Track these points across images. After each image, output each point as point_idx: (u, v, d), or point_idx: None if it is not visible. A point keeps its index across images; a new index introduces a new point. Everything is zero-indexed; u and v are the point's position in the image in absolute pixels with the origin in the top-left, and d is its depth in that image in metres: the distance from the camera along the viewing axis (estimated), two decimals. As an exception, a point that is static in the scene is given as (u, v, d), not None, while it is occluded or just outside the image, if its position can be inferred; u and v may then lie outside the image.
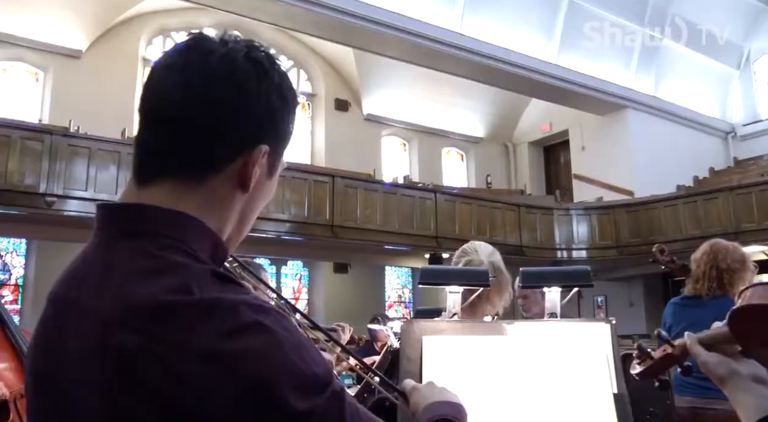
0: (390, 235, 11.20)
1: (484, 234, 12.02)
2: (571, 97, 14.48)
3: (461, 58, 12.67)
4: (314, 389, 0.75)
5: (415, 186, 13.25)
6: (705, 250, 3.54)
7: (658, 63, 15.35)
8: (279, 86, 0.91)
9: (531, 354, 1.89)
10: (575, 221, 13.24)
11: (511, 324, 1.92)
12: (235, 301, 0.76)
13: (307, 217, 10.58)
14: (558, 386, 1.85)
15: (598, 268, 13.45)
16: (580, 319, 2.28)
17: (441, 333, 1.92)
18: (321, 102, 16.08)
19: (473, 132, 17.79)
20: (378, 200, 11.31)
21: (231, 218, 0.91)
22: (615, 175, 14.66)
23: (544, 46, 13.82)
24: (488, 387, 1.86)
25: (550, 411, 1.83)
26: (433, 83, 15.28)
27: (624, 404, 1.84)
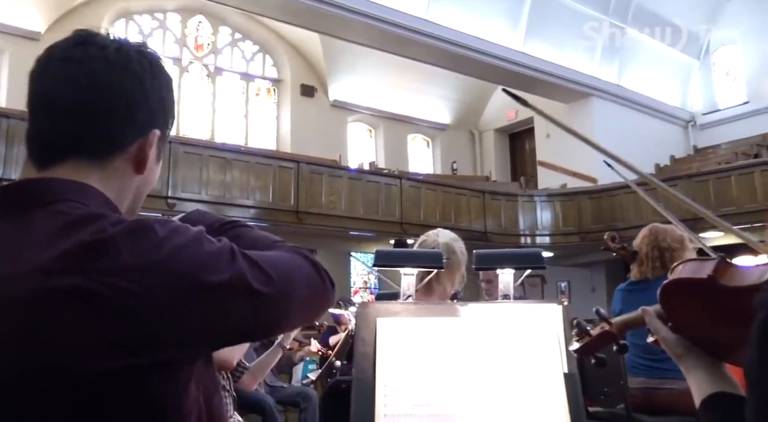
0: (355, 221, 11.21)
1: (449, 220, 12.10)
2: (537, 85, 14.56)
3: (428, 44, 12.67)
4: (229, 257, 0.89)
5: (381, 172, 13.26)
6: (645, 233, 3.61)
7: (622, 52, 15.52)
8: (167, 79, 1.04)
9: (484, 335, 1.91)
10: (539, 207, 13.38)
11: (465, 306, 1.95)
12: (150, 221, 0.87)
13: (271, 203, 10.53)
14: (510, 366, 1.87)
15: (562, 254, 13.64)
16: (532, 301, 2.31)
17: (395, 315, 1.94)
18: (287, 88, 15.97)
19: (439, 119, 17.84)
20: (343, 186, 11.30)
21: (127, 197, 1.00)
22: (579, 162, 14.81)
23: (510, 34, 13.87)
24: (442, 368, 1.89)
25: (502, 390, 1.86)
26: (399, 70, 15.26)
27: (574, 383, 1.86)
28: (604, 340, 1.35)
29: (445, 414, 1.82)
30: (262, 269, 0.91)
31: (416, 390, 1.86)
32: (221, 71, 15.37)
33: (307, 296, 1.00)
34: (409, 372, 1.88)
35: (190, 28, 15.08)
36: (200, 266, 0.85)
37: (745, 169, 11.48)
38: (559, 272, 14.63)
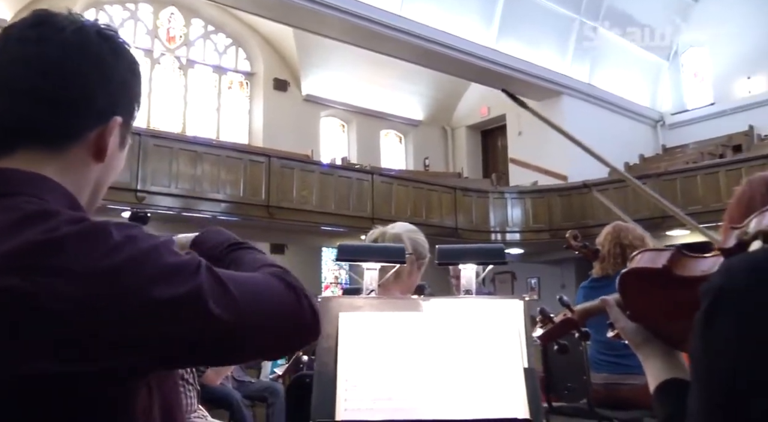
0: (326, 216, 11.20)
1: (420, 216, 12.14)
2: (509, 83, 14.61)
3: (401, 40, 12.67)
4: (191, 272, 0.83)
5: (353, 168, 13.25)
6: (608, 231, 3.69)
7: (593, 52, 15.67)
8: (131, 63, 0.98)
9: (446, 329, 1.93)
10: (510, 204, 13.48)
11: (427, 301, 1.96)
12: (104, 224, 0.82)
13: (242, 197, 10.47)
14: (470, 360, 1.89)
15: (532, 251, 13.76)
16: (493, 296, 2.33)
17: (358, 309, 1.94)
18: (259, 82, 15.88)
19: (412, 115, 17.87)
20: (315, 181, 11.27)
21: (87, 186, 0.95)
22: (550, 160, 14.95)
23: (483, 32, 13.94)
24: (403, 362, 1.89)
25: (463, 384, 1.87)
26: (373, 65, 15.25)
27: (533, 378, 1.88)
28: (566, 327, 1.38)
29: (405, 408, 1.83)
30: (227, 291, 0.84)
31: (377, 384, 1.87)
32: (193, 64, 15.23)
33: (277, 327, 0.90)
34: (371, 366, 1.89)
35: (162, 19, 14.92)
36: (152, 279, 0.79)
37: (711, 169, 11.69)
38: (529, 268, 14.75)
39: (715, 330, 0.72)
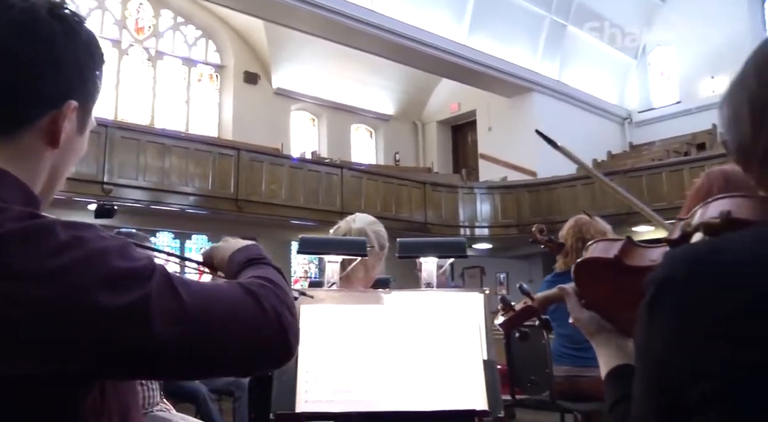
0: (295, 210, 11.16)
1: (390, 211, 12.17)
2: (480, 79, 14.75)
3: (373, 35, 12.66)
4: (142, 278, 0.78)
5: (322, 162, 13.22)
6: (570, 225, 3.73)
7: (563, 49, 15.82)
8: (87, 43, 0.92)
9: (406, 322, 1.94)
10: (479, 199, 13.56)
11: (388, 294, 1.98)
12: (51, 222, 0.78)
13: (211, 190, 10.39)
14: (431, 353, 1.91)
15: (501, 246, 13.86)
16: (454, 289, 2.35)
17: (319, 302, 1.95)
18: (229, 74, 15.75)
19: (383, 110, 17.87)
20: (284, 174, 11.23)
21: (41, 174, 0.90)
22: (519, 155, 15.06)
23: (454, 28, 13.98)
24: (364, 355, 1.91)
25: (423, 376, 1.89)
26: (344, 59, 15.21)
27: (492, 370, 1.91)
28: (526, 314, 1.41)
29: (366, 400, 1.84)
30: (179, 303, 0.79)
31: (338, 376, 1.88)
32: (162, 55, 15.05)
33: (236, 345, 0.84)
34: (332, 358, 1.90)
35: (131, 9, 14.71)
36: (96, 284, 0.74)
37: (676, 166, 11.88)
38: (498, 263, 14.87)
39: (656, 320, 0.74)
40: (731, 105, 0.78)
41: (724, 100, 0.80)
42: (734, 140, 0.78)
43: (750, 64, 0.78)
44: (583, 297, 1.22)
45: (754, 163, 0.75)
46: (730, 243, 0.75)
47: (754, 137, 0.74)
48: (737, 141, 0.78)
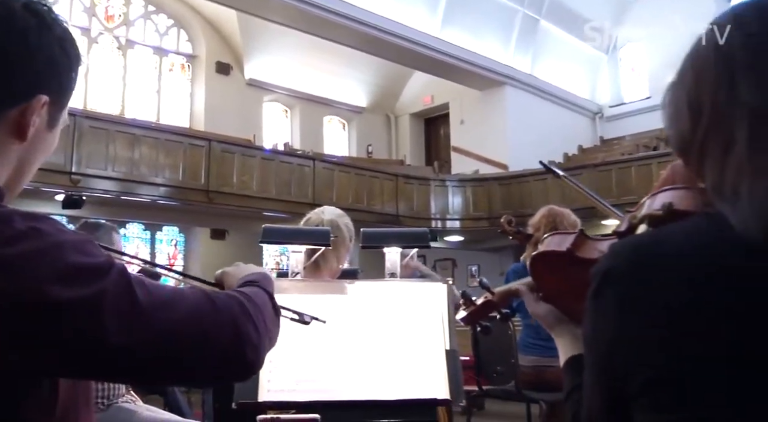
0: (267, 202, 11.11)
1: (362, 202, 12.19)
2: (453, 72, 14.78)
3: (346, 26, 12.62)
4: (98, 274, 0.77)
5: (294, 153, 13.17)
6: (544, 213, 3.73)
7: (536, 44, 15.90)
8: (61, 39, 0.91)
9: (370, 312, 1.96)
10: (451, 192, 13.63)
11: (352, 284, 1.99)
12: (10, 212, 0.78)
13: (181, 181, 10.31)
14: (394, 342, 1.92)
15: (472, 238, 13.95)
16: (418, 279, 2.37)
17: (283, 292, 1.95)
18: (201, 64, 15.59)
19: (356, 102, 17.84)
20: (256, 166, 11.17)
21: (8, 167, 0.90)
22: (491, 149, 15.15)
23: (428, 20, 13.98)
24: (327, 344, 1.92)
25: (386, 366, 1.90)
26: (317, 51, 15.13)
27: (455, 360, 1.93)
28: (487, 308, 1.42)
29: (328, 389, 1.85)
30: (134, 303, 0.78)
31: (301, 366, 1.89)
32: (133, 44, 14.84)
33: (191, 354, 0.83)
34: (295, 348, 1.90)
35: (101, -4, 14.50)
36: (49, 277, 0.73)
37: (645, 160, 12.03)
38: (469, 255, 14.96)
39: (600, 309, 0.76)
40: (672, 102, 0.81)
41: (666, 98, 0.82)
42: (675, 135, 0.80)
43: (687, 62, 0.80)
44: (540, 290, 1.24)
45: (693, 157, 0.77)
46: (669, 234, 0.77)
47: (692, 132, 0.76)
48: (678, 136, 0.80)
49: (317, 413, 1.80)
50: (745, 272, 0.68)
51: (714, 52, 0.76)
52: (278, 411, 1.80)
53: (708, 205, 0.74)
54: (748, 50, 0.73)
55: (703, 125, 0.75)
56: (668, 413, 0.69)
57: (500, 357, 3.60)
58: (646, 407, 0.71)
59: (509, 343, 3.50)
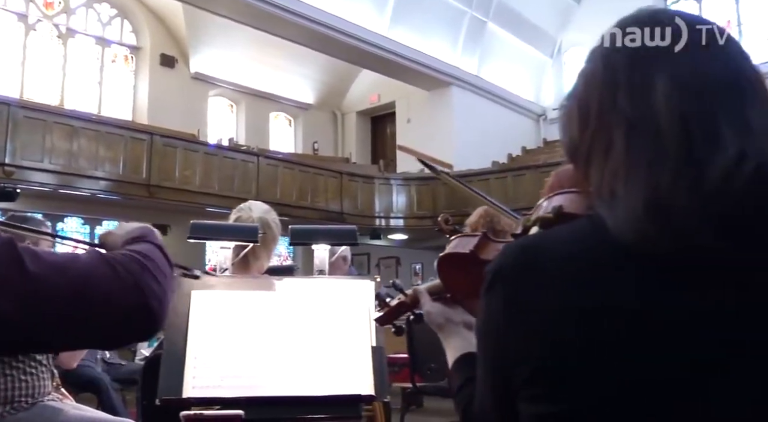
0: (210, 197, 10.96)
1: (306, 200, 12.16)
2: (400, 71, 14.85)
3: (293, 22, 12.55)
4: None
5: (238, 149, 13.05)
6: (480, 213, 3.75)
7: (483, 45, 16.09)
8: None
9: (298, 308, 1.97)
10: (395, 190, 13.68)
11: (280, 280, 1.99)
12: None
13: (122, 175, 10.10)
14: (320, 339, 1.94)
15: (416, 237, 14.03)
16: (346, 276, 2.39)
17: (211, 288, 1.95)
18: (145, 56, 15.29)
19: (303, 98, 17.75)
20: (198, 161, 11.02)
21: None
22: (437, 148, 15.23)
23: (376, 19, 14.01)
24: (254, 341, 1.92)
25: (312, 362, 1.92)
26: (264, 46, 15.01)
27: (381, 356, 1.96)
28: (400, 310, 1.44)
29: (254, 385, 1.86)
30: (23, 272, 0.79)
31: (227, 362, 1.89)
32: (74, 33, 14.45)
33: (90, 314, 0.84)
34: (221, 344, 1.90)
35: (39, -18, 14.08)
36: None
37: (585, 163, 12.27)
38: (413, 254, 15.04)
39: (490, 306, 0.80)
40: (566, 110, 0.84)
41: (561, 107, 0.86)
42: (566, 141, 0.84)
43: (581, 72, 0.84)
44: (447, 291, 1.27)
45: (580, 161, 0.81)
46: (554, 236, 0.81)
47: (581, 138, 0.80)
48: (569, 142, 0.84)
49: (242, 409, 1.80)
50: (617, 272, 0.71)
51: (602, 63, 0.81)
52: (202, 407, 1.80)
53: (592, 208, 0.77)
54: (627, 64, 0.77)
55: (590, 131, 0.79)
56: (547, 405, 0.72)
57: (434, 355, 3.65)
58: (529, 399, 0.74)
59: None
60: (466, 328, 1.20)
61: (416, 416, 5.92)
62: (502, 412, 0.81)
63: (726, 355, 0.68)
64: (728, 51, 0.77)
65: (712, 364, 0.68)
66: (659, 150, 0.71)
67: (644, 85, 0.74)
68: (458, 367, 1.13)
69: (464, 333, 1.19)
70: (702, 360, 0.68)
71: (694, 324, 0.68)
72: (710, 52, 0.76)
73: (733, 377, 0.68)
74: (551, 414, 0.72)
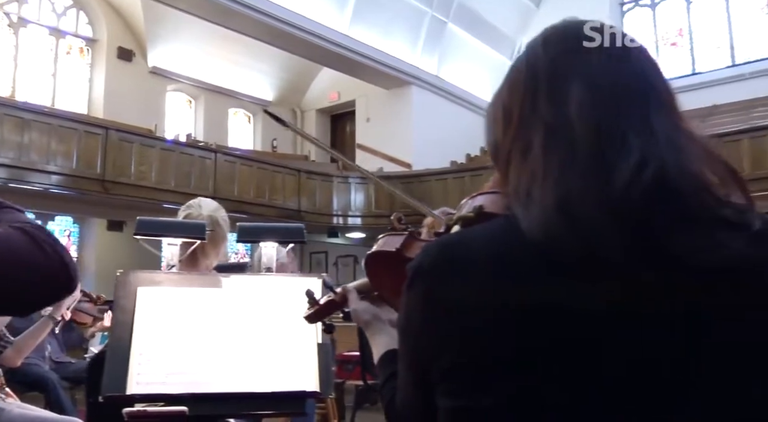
0: (166, 193, 10.82)
1: (263, 197, 12.11)
2: (360, 69, 14.86)
3: (253, 18, 12.46)
4: None
5: (196, 145, 12.90)
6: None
7: (442, 45, 16.18)
8: None
9: (244, 305, 1.98)
10: (353, 189, 13.69)
11: (228, 277, 2.00)
12: None
13: (75, 169, 9.91)
14: (266, 336, 1.96)
15: (374, 235, 13.98)
16: (294, 274, 2.41)
17: (158, 284, 1.95)
18: (102, 49, 14.99)
19: (262, 95, 17.63)
20: (155, 156, 10.88)
21: None
22: (396, 147, 15.33)
23: (336, 17, 13.99)
24: (200, 337, 1.93)
25: (258, 359, 1.93)
26: (224, 41, 14.87)
27: (326, 353, 1.98)
28: (330, 308, 1.45)
29: (199, 381, 1.87)
30: None
31: (172, 358, 1.89)
32: (26, 23, 14.10)
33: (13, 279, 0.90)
34: (167, 340, 1.91)
35: (-10, -30, 13.72)
36: None
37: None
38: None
39: (410, 302, 0.82)
40: (491, 112, 0.88)
41: (488, 108, 0.90)
42: (489, 142, 0.88)
43: (505, 78, 0.88)
44: (374, 289, 1.29)
45: (501, 162, 0.85)
46: (472, 235, 0.83)
47: (503, 140, 0.84)
48: (492, 144, 0.87)
49: (186, 405, 1.80)
50: (529, 271, 0.74)
51: (525, 69, 0.85)
52: (146, 404, 1.80)
53: (510, 208, 0.81)
54: (548, 71, 0.82)
55: (511, 133, 0.83)
56: (463, 399, 0.75)
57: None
58: (446, 393, 0.77)
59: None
60: (393, 326, 1.21)
61: (369, 413, 5.95)
62: (421, 406, 0.83)
63: (626, 358, 0.71)
64: (639, 61, 0.82)
65: (614, 364, 0.71)
66: (572, 154, 0.75)
67: (562, 92, 0.79)
68: (382, 363, 1.16)
69: (390, 331, 1.20)
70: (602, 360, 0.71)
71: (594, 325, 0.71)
72: (623, 63, 0.81)
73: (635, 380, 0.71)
74: (466, 408, 0.75)
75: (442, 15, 15.78)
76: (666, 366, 0.71)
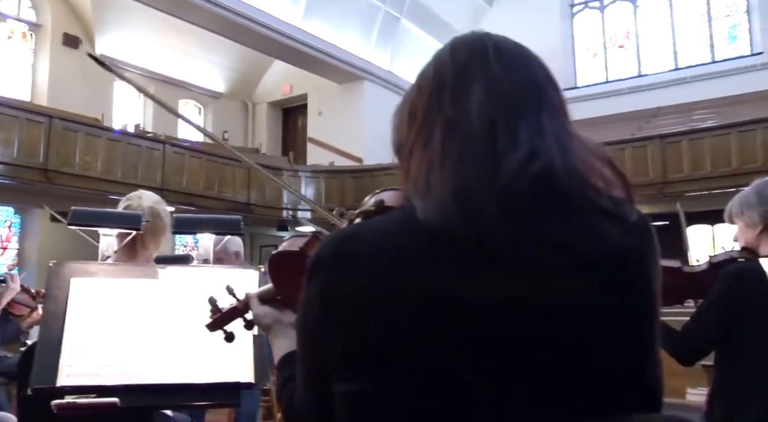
0: (112, 184, 10.60)
1: (212, 189, 11.97)
2: (312, 63, 14.80)
3: (205, 9, 12.31)
4: None
5: (144, 136, 12.67)
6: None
7: (395, 41, 16.23)
8: None
9: (179, 297, 1.98)
10: (304, 183, 13.65)
11: (164, 269, 2.00)
12: None
13: (16, 158, 9.63)
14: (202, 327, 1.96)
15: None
16: (231, 266, 2.41)
17: (92, 275, 1.94)
18: (47, 35, 14.58)
19: (213, 87, 17.42)
20: (101, 146, 10.64)
21: None
22: (347, 142, 15.33)
23: (289, 10, 13.91)
24: (135, 329, 1.92)
25: (193, 350, 1.93)
26: (175, 31, 14.64)
27: (262, 345, 1.99)
28: (232, 315, 1.44)
29: (133, 373, 1.86)
30: None
31: (105, 350, 1.88)
32: (-36, 5, 13.68)
33: None
34: (100, 332, 1.89)
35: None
36: None
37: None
38: (321, 246, 15.02)
39: (308, 294, 0.85)
40: (398, 110, 0.92)
41: (397, 107, 0.93)
42: (394, 139, 0.92)
43: (415, 80, 0.93)
44: (278, 293, 1.31)
45: (404, 157, 0.88)
46: (368, 227, 0.87)
47: (407, 135, 0.88)
48: (397, 140, 0.91)
49: (119, 397, 1.79)
50: (424, 260, 0.77)
51: (433, 72, 0.90)
52: (77, 396, 1.78)
53: (407, 199, 0.84)
54: (454, 75, 0.87)
55: (415, 129, 0.87)
56: (357, 384, 0.78)
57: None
58: (342, 380, 0.80)
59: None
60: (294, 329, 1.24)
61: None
62: (318, 395, 0.86)
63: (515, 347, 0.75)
64: (535, 70, 0.88)
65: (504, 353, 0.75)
66: (469, 147, 0.80)
67: (464, 92, 0.84)
68: (282, 365, 1.18)
69: (291, 334, 1.22)
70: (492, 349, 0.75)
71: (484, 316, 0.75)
72: (521, 71, 0.87)
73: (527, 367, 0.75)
74: (359, 394, 0.78)
75: (396, 11, 15.83)
76: (545, 357, 0.76)
